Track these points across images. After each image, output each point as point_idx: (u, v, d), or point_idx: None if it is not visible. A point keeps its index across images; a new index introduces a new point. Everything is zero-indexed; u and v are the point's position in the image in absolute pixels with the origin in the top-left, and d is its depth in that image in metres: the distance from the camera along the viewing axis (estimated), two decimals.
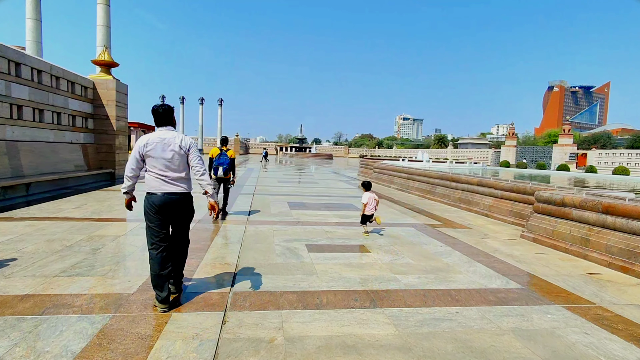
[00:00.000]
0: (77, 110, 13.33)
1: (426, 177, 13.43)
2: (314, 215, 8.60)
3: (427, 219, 8.93)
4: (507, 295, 4.11)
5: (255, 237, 6.30)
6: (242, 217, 8.13)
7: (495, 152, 68.60)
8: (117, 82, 14.97)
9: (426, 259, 5.44)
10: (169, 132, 3.51)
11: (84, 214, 7.50)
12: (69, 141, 12.81)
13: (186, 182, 3.55)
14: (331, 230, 7.03)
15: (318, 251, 5.57)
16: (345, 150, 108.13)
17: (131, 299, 3.54)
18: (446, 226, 8.05)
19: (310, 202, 10.77)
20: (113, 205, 8.75)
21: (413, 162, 22.72)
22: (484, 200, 9.87)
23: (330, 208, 9.83)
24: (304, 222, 7.81)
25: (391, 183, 16.53)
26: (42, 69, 11.27)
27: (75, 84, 13.24)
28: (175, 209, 3.47)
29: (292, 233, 6.69)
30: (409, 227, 7.73)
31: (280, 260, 5.01)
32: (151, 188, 3.42)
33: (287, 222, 7.66)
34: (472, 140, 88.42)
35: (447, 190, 11.84)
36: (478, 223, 8.58)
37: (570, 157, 51.59)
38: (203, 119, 74.63)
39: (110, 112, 14.70)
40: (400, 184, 15.57)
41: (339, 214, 9.01)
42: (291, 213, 8.84)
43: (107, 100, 14.65)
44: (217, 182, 7.96)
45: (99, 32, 20.51)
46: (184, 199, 3.51)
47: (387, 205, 10.82)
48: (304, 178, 20.79)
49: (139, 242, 5.56)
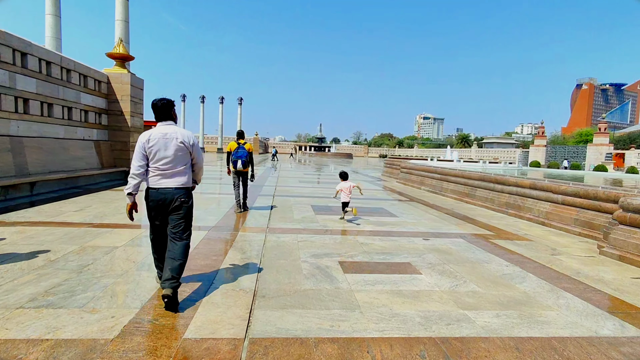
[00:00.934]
0: (89, 105, 12.66)
1: (464, 179, 12.09)
2: (343, 222, 7.49)
3: (475, 227, 7.68)
4: (635, 350, 2.90)
5: (278, 250, 5.24)
6: (263, 221, 7.12)
7: (523, 151, 65.65)
8: (132, 76, 14.26)
9: (495, 284, 4.25)
10: (170, 127, 3.49)
11: (85, 218, 6.63)
12: (80, 137, 12.14)
13: (186, 176, 3.52)
14: (367, 242, 5.90)
15: (355, 271, 4.46)
16: (364, 149, 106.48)
17: (108, 349, 2.52)
18: (500, 237, 6.79)
19: (337, 205, 9.64)
20: (119, 207, 7.89)
21: (443, 162, 21.27)
22: (539, 206, 8.52)
23: (360, 213, 8.70)
24: (332, 230, 6.71)
25: (422, 184, 15.23)
26: (51, 61, 10.58)
27: (88, 77, 12.56)
28: (172, 203, 3.41)
29: (320, 245, 5.60)
30: (457, 239, 6.51)
31: (309, 285, 3.92)
32: (151, 182, 3.42)
33: (314, 231, 6.57)
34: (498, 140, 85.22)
35: (490, 194, 10.51)
36: (536, 233, 7.28)
37: (606, 157, 48.59)
38: (223, 117, 74.64)
39: (125, 107, 13.99)
40: (432, 185, 14.26)
41: (372, 220, 7.86)
42: (317, 219, 7.77)
43: (122, 95, 13.95)
44: (236, 176, 8.03)
45: (118, 27, 20.00)
46: (184, 192, 3.47)
47: (423, 211, 9.58)
48: (326, 178, 19.70)
49: (137, 255, 4.59)
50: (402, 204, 10.77)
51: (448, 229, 7.33)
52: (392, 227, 7.21)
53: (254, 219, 7.37)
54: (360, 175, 22.71)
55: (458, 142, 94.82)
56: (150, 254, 3.89)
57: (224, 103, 74.27)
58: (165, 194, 3.38)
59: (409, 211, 9.38)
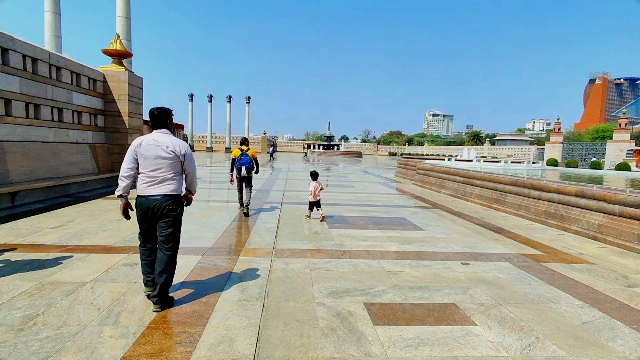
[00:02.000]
0: (83, 105, 11.77)
1: (492, 182, 10.91)
2: (362, 239, 6.41)
3: (517, 244, 6.54)
4: None
5: (286, 284, 4.18)
6: (268, 239, 6.08)
7: (538, 149, 63.69)
8: (130, 74, 13.35)
9: (580, 342, 3.14)
10: (163, 135, 3.51)
11: (60, 239, 5.66)
12: (73, 141, 11.25)
13: (175, 184, 3.51)
14: (395, 270, 4.82)
15: (389, 321, 3.38)
16: (374, 147, 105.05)
17: None
18: (553, 259, 5.65)
19: (352, 216, 8.58)
20: (106, 221, 6.93)
21: (461, 162, 20.02)
22: (589, 217, 7.33)
23: (379, 225, 7.60)
24: (351, 251, 5.64)
25: (441, 187, 14.05)
26: (37, 57, 9.68)
27: (82, 75, 11.66)
28: (163, 210, 3.42)
29: (338, 275, 4.53)
30: (502, 262, 5.39)
31: (329, 350, 2.85)
32: (140, 189, 3.44)
33: (329, 253, 5.50)
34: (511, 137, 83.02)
35: (524, 200, 9.32)
36: (593, 253, 6.11)
37: (627, 154, 46.58)
38: (231, 117, 73.97)
39: (123, 107, 13.09)
40: (454, 189, 13.08)
41: (395, 235, 6.77)
42: (331, 234, 6.70)
43: (119, 94, 13.05)
44: (240, 182, 8.20)
45: (119, 24, 19.15)
46: (171, 199, 3.46)
47: (450, 221, 8.45)
48: (337, 180, 18.61)
49: (106, 298, 3.58)
50: (425, 212, 9.64)
51: (487, 247, 6.20)
52: (421, 246, 6.10)
53: (258, 236, 6.34)
54: (371, 176, 21.56)
55: (470, 140, 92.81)
56: (122, 294, 3.66)
57: (231, 102, 73.59)
58: (153, 202, 3.40)
59: (435, 222, 8.26)
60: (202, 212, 8.21)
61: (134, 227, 6.85)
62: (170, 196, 3.44)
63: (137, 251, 5.09)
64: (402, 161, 22.35)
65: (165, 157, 3.41)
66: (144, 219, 3.45)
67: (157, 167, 3.40)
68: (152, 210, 3.39)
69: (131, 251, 5.11)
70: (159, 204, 3.38)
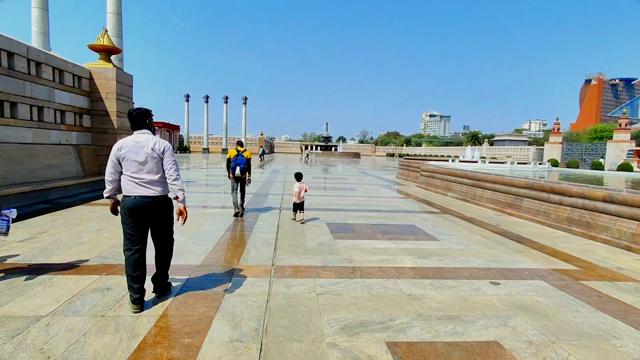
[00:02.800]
0: (67, 104, 10.98)
1: (505, 185, 10.21)
2: (372, 252, 5.67)
3: (544, 256, 5.83)
4: None
5: (288, 315, 3.44)
6: (266, 253, 5.33)
7: (537, 149, 63.32)
8: (119, 71, 12.57)
9: None
10: (143, 136, 3.48)
11: (25, 256, 4.88)
12: (55, 142, 10.46)
13: (161, 185, 3.46)
14: (417, 294, 4.08)
15: None
16: (372, 148, 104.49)
17: None
18: (592, 275, 4.95)
19: (358, 223, 7.85)
20: (83, 232, 6.15)
21: (465, 163, 19.36)
22: (620, 225, 6.65)
23: (389, 235, 6.88)
24: (361, 267, 4.90)
25: (448, 190, 13.36)
26: (14, 51, 8.89)
27: (65, 72, 10.88)
28: (149, 211, 3.40)
29: (350, 302, 3.79)
30: (537, 281, 4.67)
31: None
32: (125, 191, 3.39)
33: (337, 271, 4.76)
34: (510, 137, 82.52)
35: (543, 205, 8.62)
36: (632, 266, 5.42)
37: (627, 155, 46.17)
38: (227, 117, 73.17)
39: (111, 106, 12.30)
40: (462, 192, 12.39)
41: (408, 247, 6.04)
42: (336, 246, 5.97)
43: (107, 92, 12.26)
44: (234, 181, 8.26)
45: (109, 20, 18.38)
46: (158, 201, 3.44)
47: (465, 229, 7.74)
48: (337, 182, 17.88)
49: (62, 340, 2.82)
50: (435, 218, 8.93)
51: (513, 261, 5.48)
52: (440, 260, 5.37)
53: (255, 249, 5.59)
54: (372, 178, 20.84)
55: (468, 140, 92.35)
56: (84, 333, 2.97)
57: (228, 103, 72.76)
58: (139, 202, 3.36)
59: (449, 230, 7.55)
60: (193, 220, 7.45)
61: (113, 240, 6.12)
62: (157, 197, 3.43)
63: (113, 271, 4.37)
64: (404, 162, 21.65)
65: (146, 157, 3.38)
66: (132, 220, 3.39)
67: (140, 168, 3.37)
68: (140, 210, 3.37)
69: (106, 271, 4.36)
70: (147, 205, 3.38)
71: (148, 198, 3.37)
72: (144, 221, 3.43)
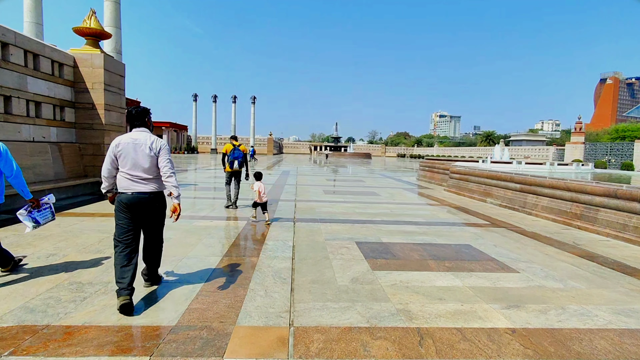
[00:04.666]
0: (44, 94, 9.37)
1: (570, 192, 8.27)
2: (436, 296, 3.83)
3: None
4: None
5: None
6: (279, 300, 3.54)
7: (557, 149, 60.62)
8: (107, 57, 10.94)
9: None
10: (141, 134, 3.51)
11: None
12: (27, 139, 8.84)
13: (156, 182, 3.51)
14: None
15: None
16: (382, 149, 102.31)
17: None
18: None
19: (397, 242, 6.04)
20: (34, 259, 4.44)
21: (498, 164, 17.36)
22: None
23: (445, 262, 5.04)
24: (431, 331, 3.07)
25: (487, 196, 11.44)
26: None
27: (41, 57, 9.27)
28: (144, 208, 3.45)
29: None
30: None
31: None
32: (121, 187, 3.43)
33: (394, 340, 2.91)
34: (527, 137, 79.54)
35: (633, 219, 6.70)
36: None
37: None
38: (236, 117, 71.93)
39: (98, 99, 10.68)
40: (507, 198, 10.47)
41: (482, 286, 4.19)
42: (379, 282, 4.16)
43: (93, 82, 10.65)
44: (230, 175, 8.54)
45: (107, 8, 16.91)
46: (154, 197, 3.49)
47: (536, 249, 5.84)
48: (355, 185, 16.05)
49: None
50: (490, 234, 7.06)
51: None
52: (543, 313, 3.51)
53: (263, 291, 3.80)
54: (391, 180, 18.96)
55: (482, 140, 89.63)
56: None
57: (236, 102, 71.47)
58: (135, 199, 3.38)
59: (519, 252, 5.68)
60: (183, 239, 5.72)
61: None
62: (153, 193, 3.47)
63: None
64: (426, 163, 19.71)
65: (143, 155, 3.41)
66: (126, 215, 3.40)
67: (136, 165, 3.39)
68: (135, 206, 3.39)
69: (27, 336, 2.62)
70: (142, 201, 3.41)
71: (144, 194, 3.41)
72: (138, 217, 3.44)
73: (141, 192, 3.38)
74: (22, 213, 4.02)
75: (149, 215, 3.50)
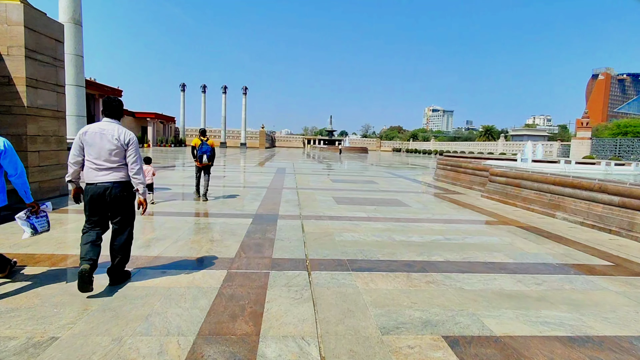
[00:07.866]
0: None
1: None
2: None
3: None
4: None
5: None
6: None
7: (562, 145, 58.39)
8: (32, 11, 7.67)
9: None
10: (110, 124, 3.48)
11: None
12: None
13: (122, 171, 3.47)
14: None
15: None
16: (377, 143, 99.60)
17: None
18: None
19: (524, 336, 3.05)
20: None
21: (540, 164, 14.47)
22: None
23: None
24: None
25: (556, 209, 8.52)
26: None
27: None
28: (110, 197, 3.39)
29: None
30: None
31: None
32: (87, 179, 3.41)
33: None
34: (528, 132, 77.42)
35: None
36: None
37: None
38: (226, 109, 68.24)
39: (16, 70, 7.44)
40: (592, 215, 7.54)
41: None
42: None
43: (8, 45, 7.39)
44: (199, 169, 8.68)
45: None
46: (119, 186, 3.43)
47: None
48: (369, 189, 12.98)
49: None
50: (630, 289, 4.11)
51: None
52: None
53: None
54: (405, 181, 15.98)
55: (481, 135, 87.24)
56: None
57: (227, 93, 67.77)
58: (102, 189, 3.36)
59: None
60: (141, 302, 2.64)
61: None
62: (118, 183, 3.42)
63: None
64: (448, 162, 16.73)
65: (109, 145, 3.38)
66: (93, 206, 3.39)
67: (102, 155, 3.37)
68: (100, 197, 3.36)
69: None
70: (108, 191, 3.37)
71: (109, 184, 3.37)
72: (105, 207, 3.41)
73: (107, 182, 3.36)
74: (22, 217, 3.59)
75: (116, 205, 3.44)
